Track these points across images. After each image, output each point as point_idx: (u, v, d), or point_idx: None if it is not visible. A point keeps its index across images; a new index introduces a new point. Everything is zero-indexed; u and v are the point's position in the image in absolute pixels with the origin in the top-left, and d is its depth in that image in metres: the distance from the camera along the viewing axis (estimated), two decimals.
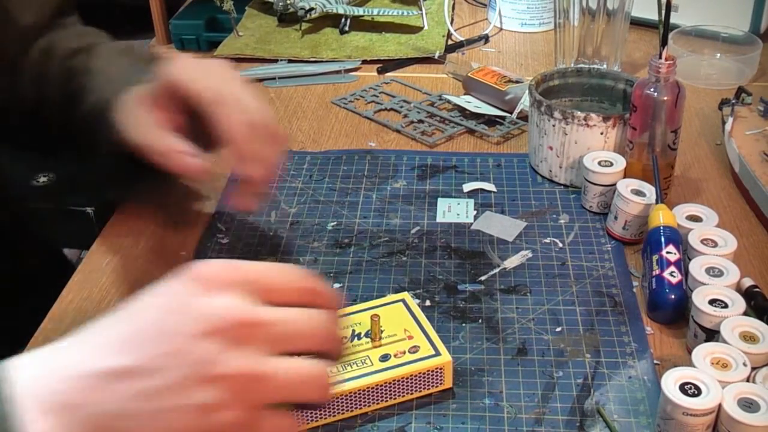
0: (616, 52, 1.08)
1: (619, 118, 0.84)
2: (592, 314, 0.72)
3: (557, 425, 0.61)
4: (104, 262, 0.80)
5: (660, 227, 0.73)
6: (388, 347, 0.65)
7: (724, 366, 0.61)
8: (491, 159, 0.94)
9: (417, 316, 0.68)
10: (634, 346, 0.68)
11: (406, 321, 0.67)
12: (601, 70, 0.95)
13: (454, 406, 0.63)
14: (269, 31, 1.27)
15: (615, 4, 1.05)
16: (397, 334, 0.66)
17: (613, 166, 0.83)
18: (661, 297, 0.70)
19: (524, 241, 0.81)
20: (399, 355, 0.64)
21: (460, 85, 1.09)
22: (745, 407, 0.57)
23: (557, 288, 0.75)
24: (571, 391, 0.64)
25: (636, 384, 0.65)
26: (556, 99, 0.94)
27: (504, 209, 0.85)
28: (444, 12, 1.26)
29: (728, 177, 0.90)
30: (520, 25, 1.27)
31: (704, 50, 1.14)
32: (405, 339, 0.66)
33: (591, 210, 0.84)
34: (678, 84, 0.80)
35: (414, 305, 0.69)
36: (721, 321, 0.64)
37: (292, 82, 1.13)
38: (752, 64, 1.09)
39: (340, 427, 0.62)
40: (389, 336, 0.66)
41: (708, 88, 1.08)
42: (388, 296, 0.71)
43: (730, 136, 0.89)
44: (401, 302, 0.70)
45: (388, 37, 1.23)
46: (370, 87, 1.11)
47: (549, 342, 0.69)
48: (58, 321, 0.72)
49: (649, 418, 0.62)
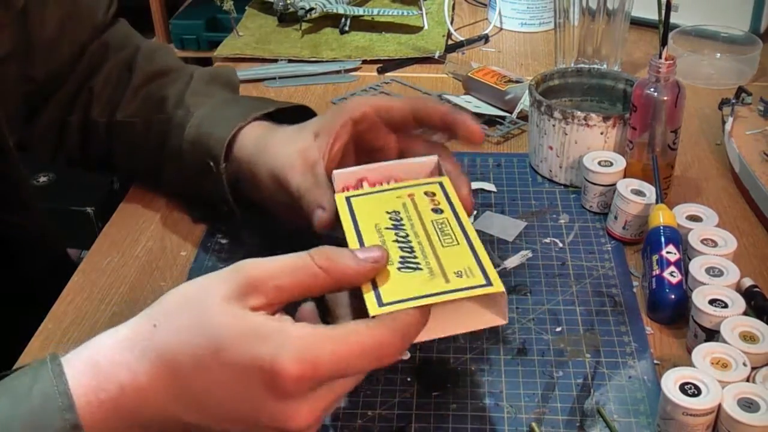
0: (616, 52, 1.08)
1: (619, 118, 0.84)
2: (592, 314, 0.72)
3: (557, 425, 0.61)
4: (104, 262, 0.80)
5: (660, 227, 0.73)
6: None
7: (724, 366, 0.61)
8: (491, 159, 0.94)
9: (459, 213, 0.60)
10: (634, 346, 0.68)
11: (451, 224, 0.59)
12: (601, 70, 0.95)
13: (454, 406, 0.63)
14: (269, 31, 1.27)
15: (615, 4, 1.05)
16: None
17: (613, 166, 0.83)
18: (661, 297, 0.70)
19: (524, 241, 0.81)
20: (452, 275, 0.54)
21: (460, 85, 1.09)
22: (745, 407, 0.57)
23: (557, 288, 0.75)
24: (571, 391, 0.64)
25: (636, 384, 0.65)
26: (556, 99, 0.94)
27: (504, 209, 0.85)
28: (444, 12, 1.26)
29: (728, 177, 0.89)
30: (520, 25, 1.27)
31: (704, 50, 1.14)
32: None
33: (591, 210, 0.84)
34: (678, 84, 0.80)
35: (453, 193, 0.62)
36: (721, 321, 0.64)
37: (292, 82, 1.13)
38: (752, 64, 1.09)
39: (340, 426, 0.62)
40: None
41: (708, 88, 1.08)
42: (423, 179, 0.65)
43: (730, 136, 0.89)
44: (438, 185, 0.63)
45: (388, 37, 1.23)
46: (370, 87, 1.11)
47: (549, 342, 0.69)
48: (58, 321, 0.72)
49: (649, 418, 0.62)
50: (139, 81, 0.85)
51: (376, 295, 0.52)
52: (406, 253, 0.56)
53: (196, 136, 0.77)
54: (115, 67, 0.87)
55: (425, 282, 0.53)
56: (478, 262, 0.55)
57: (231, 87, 0.87)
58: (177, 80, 0.84)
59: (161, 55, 0.89)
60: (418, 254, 0.56)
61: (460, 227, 0.59)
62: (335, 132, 0.69)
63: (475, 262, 0.55)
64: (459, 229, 0.58)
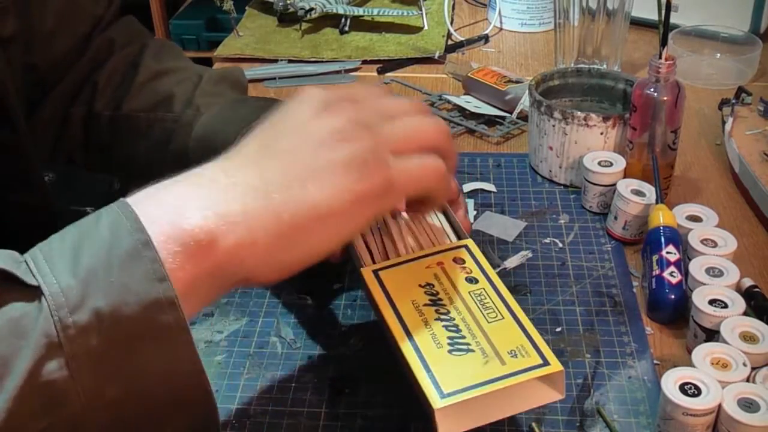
0: (616, 52, 1.08)
1: (619, 118, 0.84)
2: (592, 314, 0.72)
3: (557, 425, 0.61)
4: None
5: (660, 227, 0.73)
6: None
7: (724, 366, 0.61)
8: (491, 159, 0.94)
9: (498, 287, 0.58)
10: (634, 346, 0.68)
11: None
12: (601, 70, 0.95)
13: None
14: (269, 31, 1.27)
15: (615, 4, 1.05)
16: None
17: (613, 166, 0.83)
18: (661, 297, 0.70)
19: (524, 241, 0.81)
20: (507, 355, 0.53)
21: (460, 85, 1.09)
22: (745, 407, 0.57)
23: (557, 288, 0.75)
24: (571, 391, 0.64)
25: (636, 384, 0.65)
26: (556, 99, 0.94)
27: (504, 209, 0.85)
28: (444, 12, 1.26)
29: (728, 177, 0.90)
30: (520, 25, 1.27)
31: (704, 50, 1.14)
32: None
33: (591, 210, 0.84)
34: (678, 84, 0.80)
35: (481, 256, 0.61)
36: (721, 321, 0.64)
37: (292, 82, 1.13)
38: (752, 64, 1.09)
39: (341, 426, 0.62)
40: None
41: (708, 88, 1.08)
42: (447, 242, 0.63)
43: (730, 136, 0.89)
44: (465, 249, 0.61)
45: (388, 37, 1.23)
46: None
47: (549, 342, 0.68)
48: None
49: (649, 418, 0.62)
50: (144, 77, 0.85)
51: (434, 383, 0.52)
52: (452, 333, 0.55)
53: (204, 135, 0.77)
54: (120, 62, 0.87)
55: (481, 365, 0.52)
56: (529, 338, 0.54)
57: (240, 88, 0.87)
58: (185, 79, 0.84)
59: (168, 52, 0.89)
60: (465, 333, 0.55)
61: (500, 298, 0.58)
62: None
63: (526, 339, 0.54)
64: (499, 300, 0.57)
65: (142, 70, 0.86)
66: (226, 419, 0.63)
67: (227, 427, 0.62)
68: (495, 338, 0.54)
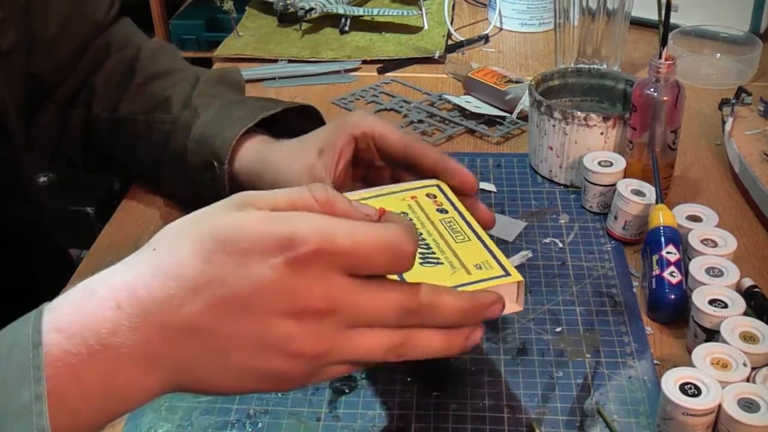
0: (616, 52, 1.08)
1: (619, 118, 0.84)
2: (592, 314, 0.72)
3: (557, 425, 0.61)
4: (104, 262, 0.79)
5: (660, 227, 0.73)
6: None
7: (724, 366, 0.61)
8: (491, 159, 0.94)
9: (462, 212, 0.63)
10: (634, 346, 0.68)
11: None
12: (601, 70, 0.95)
13: (454, 406, 0.63)
14: (269, 31, 1.27)
15: (615, 4, 1.05)
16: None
17: (613, 166, 0.83)
18: (661, 297, 0.70)
19: (524, 241, 0.81)
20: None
21: (460, 85, 1.09)
22: (745, 407, 0.57)
23: (557, 288, 0.75)
24: (571, 391, 0.64)
25: (636, 384, 0.65)
26: (556, 99, 0.94)
27: (504, 209, 0.85)
28: (444, 12, 1.26)
29: (728, 177, 0.90)
30: (520, 25, 1.27)
31: (704, 50, 1.14)
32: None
33: (591, 210, 0.84)
34: (678, 84, 0.80)
35: (451, 193, 0.65)
36: (721, 321, 0.64)
37: (292, 83, 1.13)
38: (752, 64, 1.09)
39: (341, 426, 0.62)
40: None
41: (708, 88, 1.08)
42: (419, 181, 0.67)
43: (730, 136, 0.89)
44: (436, 187, 0.65)
45: (388, 37, 1.23)
46: (370, 87, 1.11)
47: (549, 342, 0.69)
48: None
49: (649, 418, 0.62)
50: (141, 79, 0.85)
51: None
52: (424, 250, 0.58)
53: (202, 135, 0.77)
54: (117, 65, 0.87)
55: (449, 275, 0.56)
56: (493, 255, 0.59)
57: (237, 88, 0.87)
58: (181, 81, 0.84)
59: (164, 54, 0.89)
60: (435, 250, 0.59)
61: (467, 225, 0.62)
62: (340, 149, 0.69)
63: (489, 255, 0.59)
64: (467, 226, 0.62)
65: (139, 72, 0.86)
66: (226, 419, 0.63)
67: (227, 427, 0.62)
68: (462, 254, 0.58)
